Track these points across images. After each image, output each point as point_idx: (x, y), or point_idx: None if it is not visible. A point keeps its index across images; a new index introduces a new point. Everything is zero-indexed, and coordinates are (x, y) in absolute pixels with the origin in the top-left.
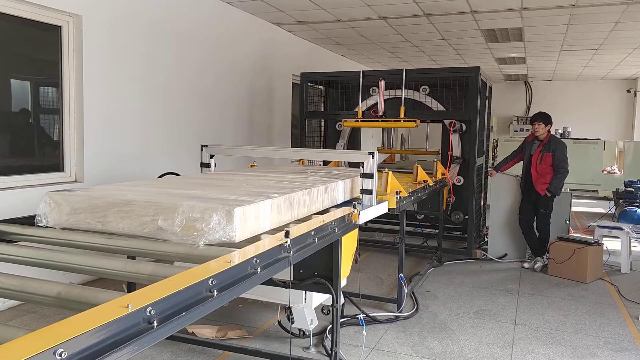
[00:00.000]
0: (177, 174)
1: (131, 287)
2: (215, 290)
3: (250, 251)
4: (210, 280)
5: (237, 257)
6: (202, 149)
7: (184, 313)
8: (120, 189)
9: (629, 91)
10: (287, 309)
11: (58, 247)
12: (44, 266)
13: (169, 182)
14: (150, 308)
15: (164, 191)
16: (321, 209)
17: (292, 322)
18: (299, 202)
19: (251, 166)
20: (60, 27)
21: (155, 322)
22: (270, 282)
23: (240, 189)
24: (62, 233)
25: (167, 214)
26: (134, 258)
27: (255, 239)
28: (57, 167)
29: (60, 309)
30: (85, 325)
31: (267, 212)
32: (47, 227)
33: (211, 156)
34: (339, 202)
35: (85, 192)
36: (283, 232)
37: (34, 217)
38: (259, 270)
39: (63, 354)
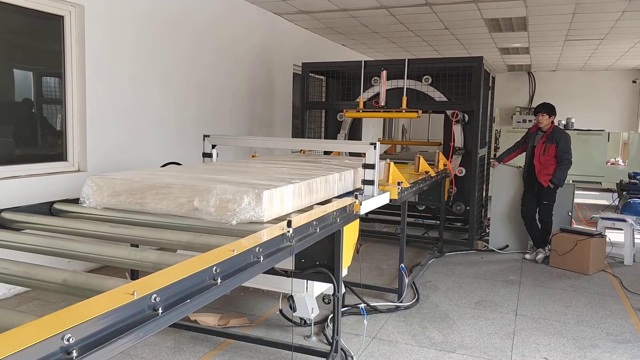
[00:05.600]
0: (180, 164)
1: (134, 275)
2: (219, 279)
3: (253, 240)
4: (214, 269)
5: (240, 246)
6: (204, 139)
7: (188, 300)
8: (156, 174)
9: (634, 82)
10: (289, 298)
11: (62, 236)
12: (48, 254)
13: (198, 169)
14: (155, 295)
15: (195, 176)
16: (336, 195)
17: (294, 310)
18: (317, 187)
19: (252, 156)
20: (62, 17)
21: (160, 309)
22: (272, 271)
23: (263, 174)
24: (73, 222)
25: (203, 196)
26: (137, 246)
27: (280, 219)
28: (61, 156)
29: (65, 295)
30: (92, 312)
31: (290, 196)
32: (56, 216)
33: (213, 146)
34: (350, 190)
35: (125, 176)
36: (285, 222)
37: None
38: (261, 259)
39: (71, 339)
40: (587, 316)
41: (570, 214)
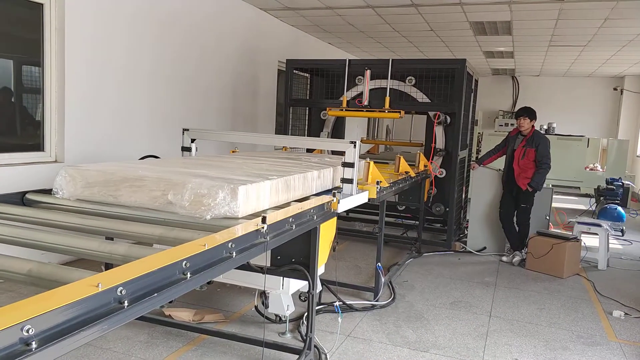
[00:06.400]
0: (157, 157)
1: (109, 268)
2: (188, 273)
3: (226, 235)
4: (184, 263)
5: (212, 241)
6: (183, 132)
7: (155, 294)
8: (131, 166)
9: (615, 89)
10: (262, 294)
11: (33, 226)
12: (17, 244)
13: (175, 162)
14: (121, 288)
15: (171, 169)
16: (314, 192)
17: (266, 307)
18: (295, 184)
19: (232, 152)
20: (42, 4)
21: (126, 302)
22: (248, 267)
23: (241, 170)
24: (44, 213)
25: (177, 190)
26: (112, 239)
27: (256, 215)
28: (38, 146)
29: (31, 286)
30: (53, 303)
31: (267, 192)
32: (35, 206)
33: (192, 140)
34: (329, 188)
35: (99, 167)
36: (260, 218)
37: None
38: (234, 254)
39: (30, 330)
40: (559, 319)
41: (547, 217)
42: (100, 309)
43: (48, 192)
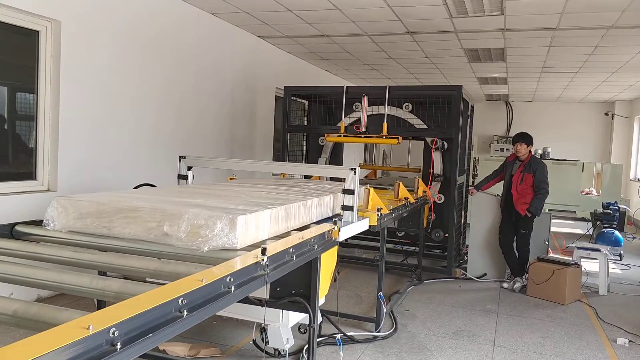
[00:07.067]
0: (154, 185)
1: (101, 304)
2: (185, 310)
3: (225, 269)
4: (180, 300)
5: (210, 275)
6: (180, 160)
7: (150, 335)
8: (125, 196)
9: (606, 114)
10: (262, 329)
11: (21, 260)
12: (4, 280)
13: (171, 191)
14: (113, 329)
15: (167, 199)
16: (315, 220)
17: (266, 343)
18: (295, 213)
19: (230, 179)
20: (38, 32)
21: (118, 344)
22: (246, 300)
23: (240, 198)
24: (34, 246)
25: (173, 221)
26: (104, 274)
27: (255, 245)
28: (30, 175)
29: (16, 327)
30: (41, 348)
31: (267, 222)
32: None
33: (189, 168)
34: (329, 215)
35: (92, 198)
36: (260, 249)
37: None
38: (232, 289)
39: None
40: (564, 347)
41: (547, 242)
42: (91, 352)
43: (39, 223)
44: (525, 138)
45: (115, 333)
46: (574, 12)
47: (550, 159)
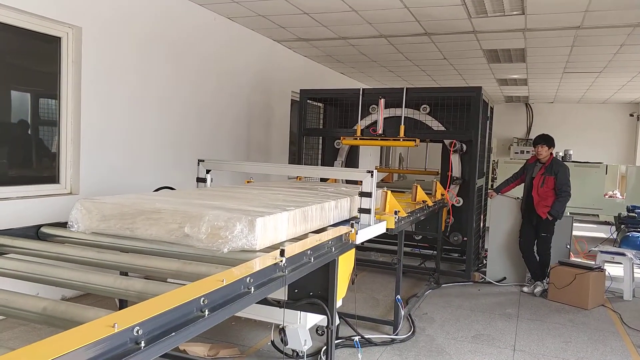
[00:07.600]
0: (173, 189)
1: (122, 303)
2: (206, 310)
3: (244, 270)
4: (201, 300)
5: (230, 276)
6: (198, 163)
7: (173, 333)
8: (147, 199)
9: (631, 115)
10: (281, 330)
11: (47, 261)
12: (30, 280)
13: (190, 194)
14: (137, 328)
15: (188, 201)
16: (332, 223)
17: (285, 343)
18: (312, 215)
19: (247, 182)
20: (60, 38)
21: (142, 342)
22: (264, 301)
23: (258, 201)
24: (59, 247)
25: (194, 222)
26: (126, 274)
27: (273, 247)
28: (53, 179)
29: (45, 325)
30: (69, 345)
31: (285, 223)
32: (44, 240)
33: (207, 171)
34: (346, 218)
35: (115, 200)
36: (278, 251)
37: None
38: (252, 289)
39: None
40: (587, 353)
41: (568, 246)
42: (116, 350)
43: (63, 225)
44: (546, 140)
45: (140, 332)
46: (599, 10)
47: (572, 162)
